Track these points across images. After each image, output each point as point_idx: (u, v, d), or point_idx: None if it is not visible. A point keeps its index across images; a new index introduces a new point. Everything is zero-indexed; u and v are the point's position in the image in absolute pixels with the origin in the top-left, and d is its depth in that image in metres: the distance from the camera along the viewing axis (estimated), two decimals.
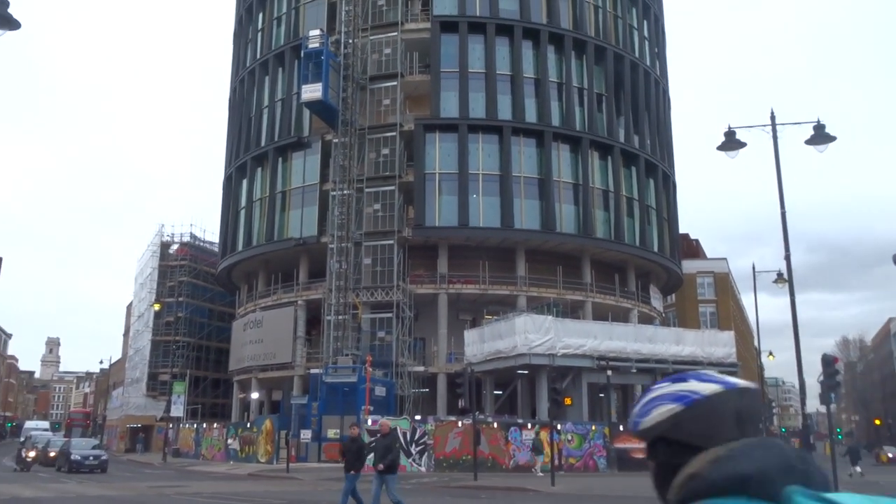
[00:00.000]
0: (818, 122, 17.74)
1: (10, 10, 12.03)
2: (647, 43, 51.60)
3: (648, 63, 50.86)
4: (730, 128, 18.19)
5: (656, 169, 48.51)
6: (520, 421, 31.13)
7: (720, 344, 36.54)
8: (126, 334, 79.23)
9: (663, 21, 55.89)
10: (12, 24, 11.91)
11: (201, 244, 64.06)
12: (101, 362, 76.92)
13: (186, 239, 63.25)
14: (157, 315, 59.65)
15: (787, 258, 18.71)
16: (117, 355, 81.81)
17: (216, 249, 57.02)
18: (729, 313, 68.72)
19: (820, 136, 17.79)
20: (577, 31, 45.88)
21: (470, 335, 36.15)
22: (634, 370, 33.22)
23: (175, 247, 63.04)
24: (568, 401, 29.07)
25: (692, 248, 74.44)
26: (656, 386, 1.29)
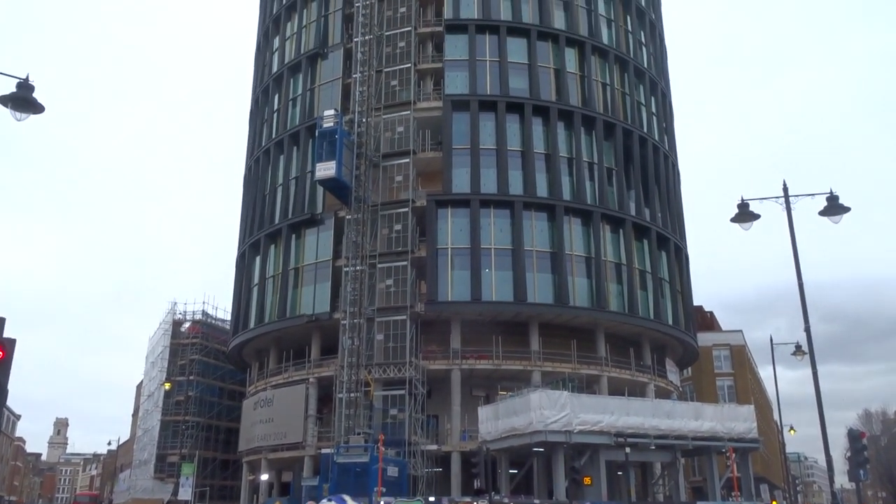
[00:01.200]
0: (831, 193, 17.78)
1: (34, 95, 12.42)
2: (654, 118, 52.52)
3: (657, 138, 51.63)
4: (742, 200, 18.26)
5: (668, 241, 48.56)
6: (536, 502, 30.16)
7: (740, 419, 35.62)
8: (135, 415, 78.44)
9: (670, 97, 57.05)
10: (37, 109, 12.28)
11: (213, 322, 64.11)
12: (109, 444, 75.92)
13: (199, 317, 63.35)
14: (168, 394, 59.23)
15: (808, 330, 18.43)
16: (126, 436, 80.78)
17: (228, 327, 56.97)
18: (747, 386, 67.47)
19: (833, 207, 17.79)
20: (586, 108, 46.80)
21: (484, 412, 35.48)
22: (653, 447, 32.31)
23: (187, 325, 63.10)
24: (587, 480, 28.22)
25: (707, 321, 73.76)
26: None
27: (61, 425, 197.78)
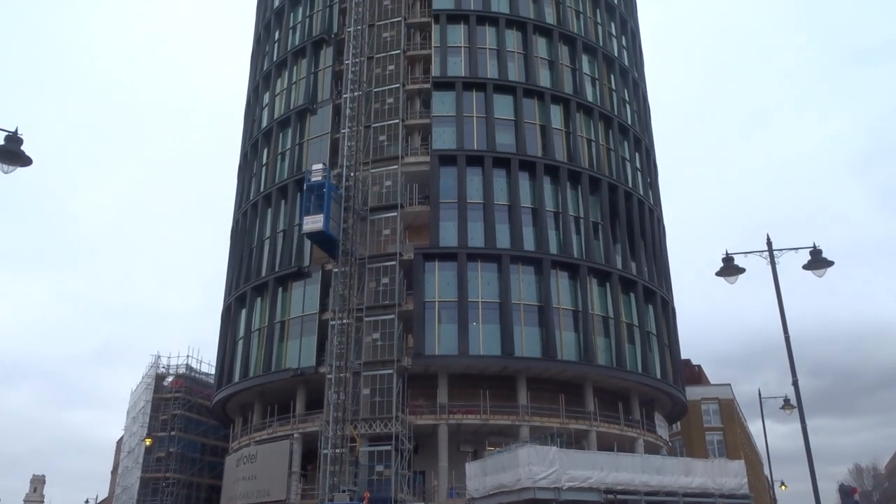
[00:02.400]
0: (814, 247, 17.99)
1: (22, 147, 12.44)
2: (639, 174, 53.29)
3: (642, 192, 52.29)
4: (727, 254, 18.43)
5: (654, 295, 48.73)
6: None
7: (731, 474, 35.10)
8: (114, 471, 76.49)
9: (654, 153, 58.03)
10: (24, 161, 12.29)
11: (197, 376, 63.20)
12: (87, 502, 73.81)
13: (182, 370, 62.46)
14: (148, 451, 57.90)
15: (795, 384, 18.38)
16: (104, 494, 78.63)
17: (212, 381, 56.16)
18: (737, 441, 66.90)
19: (817, 261, 17.98)
20: (572, 163, 47.46)
21: (471, 468, 34.83)
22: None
23: (170, 379, 62.15)
24: None
25: (695, 375, 73.50)
26: None
27: (38, 482, 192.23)
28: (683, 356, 55.15)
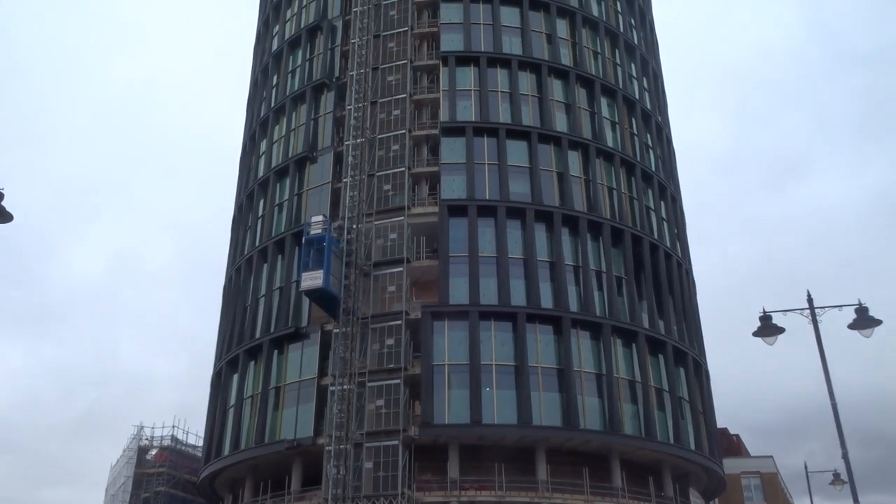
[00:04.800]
0: (860, 304, 17.87)
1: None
2: (665, 224, 53.41)
3: (669, 244, 52.31)
4: (765, 312, 18.31)
5: (686, 357, 48.26)
6: None
7: None
8: None
9: (681, 201, 58.26)
10: (5, 217, 12.47)
11: (183, 449, 62.57)
12: None
13: (167, 443, 61.87)
14: None
15: (845, 457, 18.03)
16: None
17: (199, 454, 55.58)
18: None
19: (863, 319, 17.83)
20: (592, 213, 47.66)
21: None
22: None
23: (154, 452, 61.55)
24: None
25: (733, 445, 72.24)
26: None
27: None
28: (719, 424, 54.29)
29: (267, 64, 60.14)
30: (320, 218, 42.37)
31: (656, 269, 49.32)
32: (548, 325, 43.44)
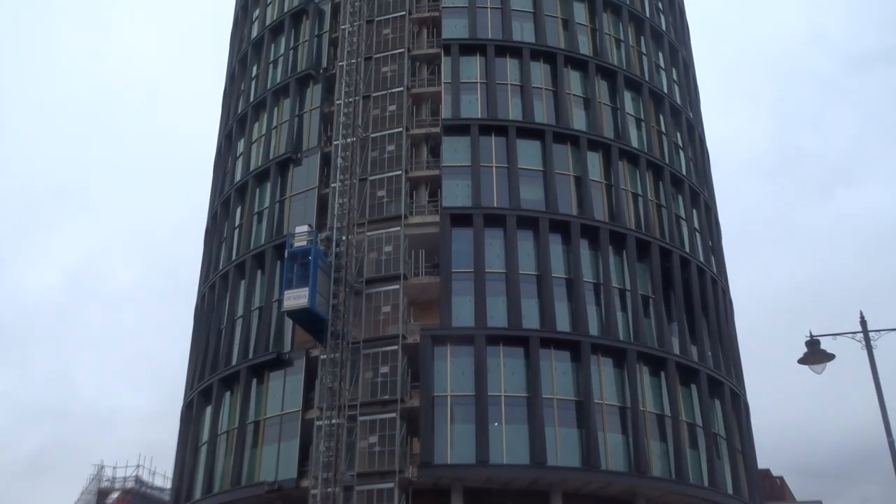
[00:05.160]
0: None
1: None
2: (698, 235, 53.47)
3: (702, 258, 52.34)
4: (812, 336, 18.31)
5: (722, 387, 48.17)
6: None
7: None
8: None
9: (716, 209, 58.31)
10: None
11: (149, 491, 62.53)
12: None
13: (130, 484, 61.87)
14: None
15: None
16: None
17: (167, 498, 55.51)
18: None
19: None
20: (614, 223, 47.74)
21: None
22: None
23: (115, 495, 61.52)
24: None
25: (777, 489, 71.92)
26: None
27: None
28: (760, 465, 54.15)
29: (245, 53, 60.46)
30: (305, 228, 42.46)
31: (688, 287, 49.31)
32: (564, 350, 43.40)
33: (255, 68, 59.08)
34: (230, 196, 54.75)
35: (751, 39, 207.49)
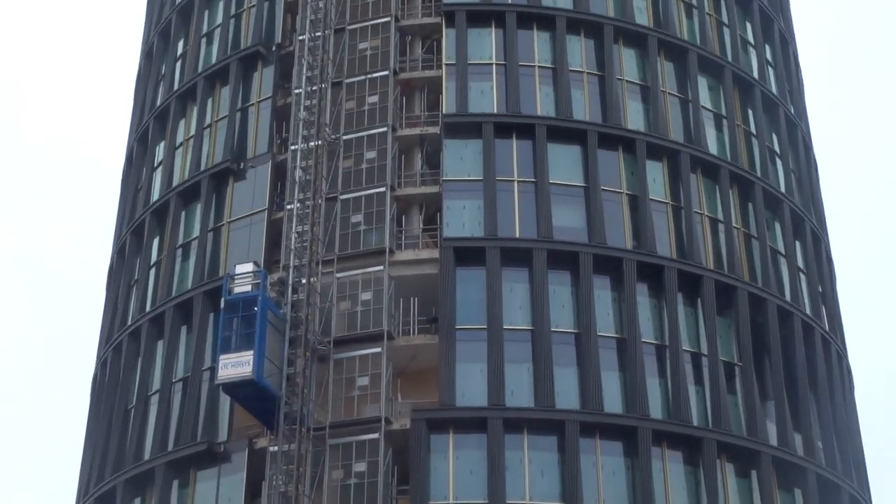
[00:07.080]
0: None
1: None
2: (803, 278, 53.22)
3: (809, 311, 51.98)
4: None
5: (839, 493, 47.90)
6: None
7: None
8: None
9: (828, 243, 58.23)
10: None
11: None
12: None
13: None
14: None
15: None
16: None
17: None
18: None
19: None
20: (685, 261, 47.55)
21: None
22: None
23: None
24: None
25: None
26: None
27: None
28: None
29: (168, 24, 60.42)
30: (250, 267, 42.39)
31: (789, 351, 49.09)
32: (615, 440, 43.27)
33: (180, 44, 59.21)
34: (144, 222, 54.47)
35: (879, 7, 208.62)
